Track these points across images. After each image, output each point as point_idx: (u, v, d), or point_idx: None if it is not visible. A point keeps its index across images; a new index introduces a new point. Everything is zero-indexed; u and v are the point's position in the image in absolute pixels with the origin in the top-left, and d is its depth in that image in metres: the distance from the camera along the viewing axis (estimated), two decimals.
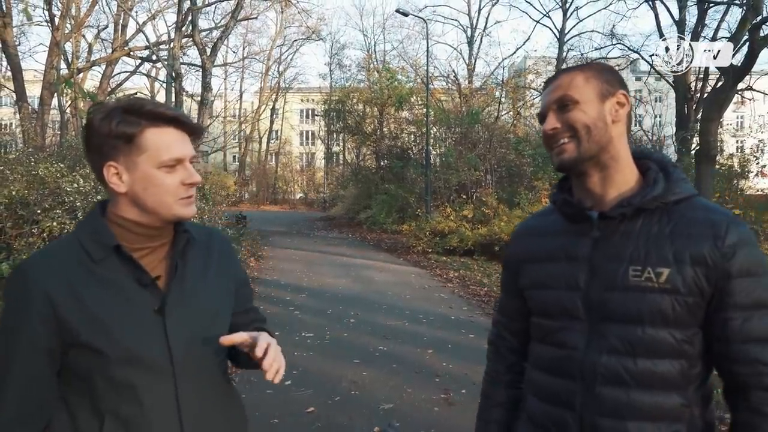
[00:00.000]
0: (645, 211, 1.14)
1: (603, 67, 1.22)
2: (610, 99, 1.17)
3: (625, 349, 1.10)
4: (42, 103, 18.83)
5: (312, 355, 5.44)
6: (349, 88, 24.85)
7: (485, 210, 14.00)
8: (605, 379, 1.12)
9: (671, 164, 1.19)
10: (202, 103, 16.87)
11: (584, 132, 1.15)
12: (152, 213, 1.15)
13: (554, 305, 1.20)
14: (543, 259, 1.24)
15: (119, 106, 1.13)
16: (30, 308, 1.09)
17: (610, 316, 1.13)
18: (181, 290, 1.19)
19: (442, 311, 7.49)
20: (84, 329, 1.09)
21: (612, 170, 1.17)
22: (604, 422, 1.12)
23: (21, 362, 1.10)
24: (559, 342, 1.19)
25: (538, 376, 1.25)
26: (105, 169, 1.14)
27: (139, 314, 1.13)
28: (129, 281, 1.14)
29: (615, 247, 1.14)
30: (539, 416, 1.23)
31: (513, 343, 1.38)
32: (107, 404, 1.11)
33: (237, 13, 19.22)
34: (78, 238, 1.16)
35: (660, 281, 1.08)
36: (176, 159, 1.14)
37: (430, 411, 4.10)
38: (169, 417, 1.14)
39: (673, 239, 1.10)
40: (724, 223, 1.08)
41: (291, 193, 42.85)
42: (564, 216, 1.24)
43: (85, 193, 5.35)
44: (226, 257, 1.34)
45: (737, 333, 1.07)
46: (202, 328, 1.20)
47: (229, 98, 43.91)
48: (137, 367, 1.11)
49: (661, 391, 1.09)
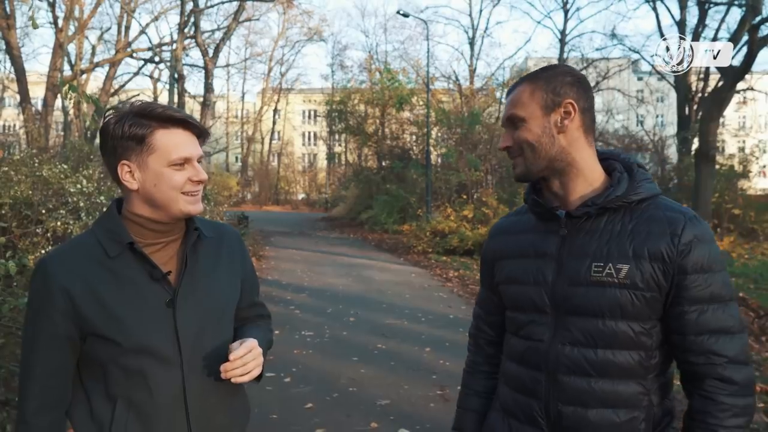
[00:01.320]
0: (609, 209, 1.19)
1: (557, 72, 1.24)
2: (556, 110, 1.21)
3: (587, 340, 1.17)
4: (45, 104, 18.97)
5: (311, 353, 5.52)
6: (350, 89, 24.93)
7: (485, 210, 14.07)
8: (568, 368, 1.18)
9: (636, 165, 1.25)
10: (205, 104, 17.01)
11: (529, 150, 1.22)
12: (162, 209, 1.23)
13: (524, 299, 1.27)
14: (515, 255, 1.31)
15: (131, 111, 1.21)
16: (50, 302, 1.18)
17: (573, 310, 1.19)
18: (191, 285, 1.26)
19: (441, 310, 7.56)
20: (99, 321, 1.18)
21: (571, 175, 1.23)
22: (567, 410, 1.19)
23: (44, 352, 1.20)
24: (527, 334, 1.26)
25: (510, 366, 1.32)
26: (119, 167, 1.22)
27: (150, 307, 1.22)
28: (142, 276, 1.22)
29: (580, 245, 1.20)
30: (509, 404, 1.30)
31: (491, 335, 1.44)
32: (120, 390, 1.20)
33: (239, 14, 19.35)
34: (95, 235, 1.24)
35: (620, 277, 1.14)
36: (184, 158, 1.22)
37: (426, 407, 4.17)
38: (176, 403, 1.22)
39: (633, 236, 1.16)
40: (682, 222, 1.14)
41: (293, 194, 42.96)
42: (535, 215, 1.31)
43: (88, 194, 5.43)
44: (236, 254, 1.41)
45: (692, 325, 1.14)
46: (209, 321, 1.28)
47: (232, 99, 44.09)
48: (148, 357, 1.20)
49: (620, 380, 1.16)
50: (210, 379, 1.26)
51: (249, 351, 1.21)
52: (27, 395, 1.21)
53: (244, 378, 1.21)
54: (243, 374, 1.20)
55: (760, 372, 4.71)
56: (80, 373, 1.25)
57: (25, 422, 1.20)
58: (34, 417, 1.20)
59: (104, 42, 25.80)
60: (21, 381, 1.24)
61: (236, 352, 1.20)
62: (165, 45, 24.09)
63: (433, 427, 3.84)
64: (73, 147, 8.13)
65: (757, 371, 4.72)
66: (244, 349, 1.21)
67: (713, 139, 13.05)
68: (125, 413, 1.20)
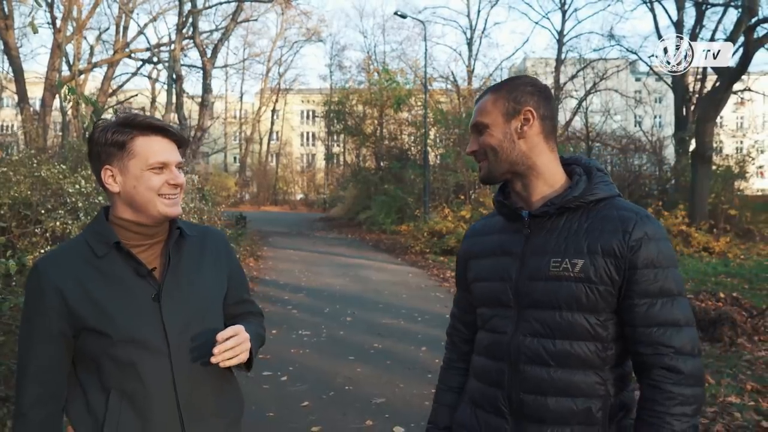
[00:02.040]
0: (569, 209, 1.28)
1: (519, 83, 1.33)
2: (516, 117, 1.30)
3: (546, 331, 1.25)
4: (44, 104, 18.97)
5: (308, 352, 5.56)
6: (349, 89, 24.96)
7: (483, 211, 14.10)
8: (528, 358, 1.26)
9: (596, 168, 1.33)
10: (203, 104, 17.00)
11: (492, 154, 1.32)
12: (142, 210, 1.31)
13: (490, 295, 1.36)
14: (485, 254, 1.40)
15: (115, 120, 1.31)
16: (44, 300, 1.26)
17: (533, 304, 1.27)
18: (176, 280, 1.34)
19: (437, 310, 7.60)
20: (91, 316, 1.26)
21: (532, 177, 1.32)
22: (527, 398, 1.26)
23: (39, 348, 1.27)
24: (492, 327, 1.35)
25: (478, 360, 1.40)
26: (102, 172, 1.31)
27: (138, 301, 1.30)
28: (128, 273, 1.30)
29: (540, 242, 1.29)
30: (476, 396, 1.38)
31: (465, 333, 1.51)
32: (113, 381, 1.27)
33: (237, 15, 19.36)
34: (84, 238, 1.33)
35: (575, 271, 1.22)
36: (162, 162, 1.30)
37: (421, 405, 4.21)
38: (166, 392, 1.29)
39: (588, 234, 1.24)
40: (633, 220, 1.22)
41: (291, 194, 42.97)
42: (502, 216, 1.40)
43: (86, 194, 5.46)
44: (221, 252, 1.48)
45: (642, 318, 1.20)
46: (195, 314, 1.35)
47: (230, 99, 44.06)
48: (138, 348, 1.27)
49: (578, 370, 1.23)
50: (198, 368, 1.33)
51: (235, 334, 1.27)
52: (23, 390, 1.28)
53: (232, 361, 1.27)
54: (230, 357, 1.26)
55: (752, 371, 4.76)
56: (75, 368, 1.32)
57: (23, 415, 1.27)
58: (31, 410, 1.26)
59: (102, 42, 25.81)
60: (18, 377, 1.31)
61: (222, 333, 1.26)
62: (163, 45, 24.08)
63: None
64: (71, 147, 8.16)
65: (749, 370, 4.78)
66: (230, 331, 1.27)
67: (710, 140, 13.12)
68: (118, 403, 1.27)
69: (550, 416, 1.23)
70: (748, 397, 4.15)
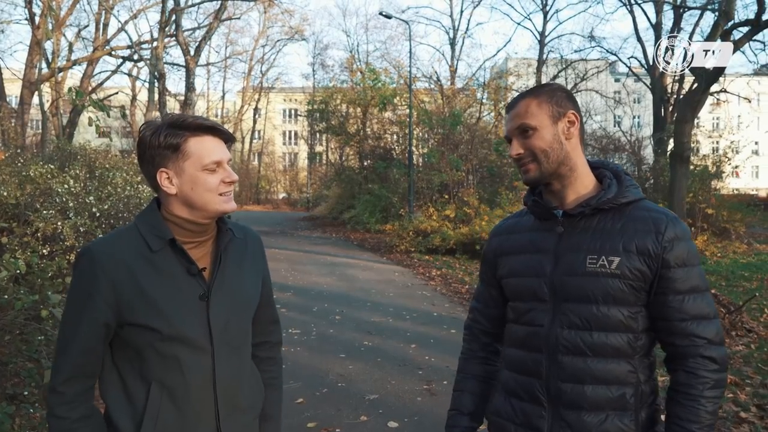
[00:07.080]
0: (601, 210, 1.37)
1: (554, 88, 1.42)
2: (562, 119, 1.38)
3: (583, 324, 1.34)
4: (22, 102, 18.70)
5: (299, 350, 5.61)
6: (332, 88, 24.92)
7: (467, 210, 14.25)
8: (566, 349, 1.35)
9: (624, 173, 1.43)
10: (186, 103, 16.90)
11: (543, 156, 1.38)
12: (200, 209, 1.34)
13: (525, 290, 1.43)
14: (517, 251, 1.47)
15: (165, 122, 1.33)
16: (97, 291, 1.28)
17: (569, 298, 1.35)
18: (222, 281, 1.39)
19: (425, 308, 7.71)
20: (142, 311, 1.29)
21: (571, 178, 1.40)
22: (566, 387, 1.35)
23: (83, 334, 1.30)
24: (528, 321, 1.42)
25: (512, 352, 1.48)
26: (158, 175, 1.33)
27: (187, 299, 1.34)
28: (180, 270, 1.34)
29: (575, 240, 1.37)
30: (511, 386, 1.46)
31: (486, 326, 1.60)
32: (155, 373, 1.32)
33: (221, 13, 19.26)
34: (138, 229, 1.35)
35: (612, 268, 1.31)
36: (216, 162, 1.33)
37: (413, 401, 4.30)
38: (206, 386, 1.35)
39: (622, 233, 1.33)
40: (664, 222, 1.32)
41: (274, 193, 42.86)
42: (534, 215, 1.47)
43: (75, 194, 5.44)
44: (258, 254, 1.55)
45: (676, 312, 1.31)
46: (236, 314, 1.42)
47: (212, 98, 43.74)
48: (183, 344, 1.32)
49: (613, 359, 1.33)
50: (235, 365, 1.40)
51: None
52: (60, 369, 1.31)
53: None
54: None
55: (730, 365, 4.93)
56: (113, 355, 1.35)
57: (56, 391, 1.30)
58: (64, 386, 1.30)
59: (82, 39, 25.44)
60: (56, 355, 1.33)
61: None
62: (144, 43, 23.83)
63: (421, 419, 3.97)
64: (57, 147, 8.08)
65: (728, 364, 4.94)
66: None
67: (688, 140, 13.38)
68: (159, 394, 1.31)
69: (587, 403, 1.32)
70: (727, 390, 4.30)
